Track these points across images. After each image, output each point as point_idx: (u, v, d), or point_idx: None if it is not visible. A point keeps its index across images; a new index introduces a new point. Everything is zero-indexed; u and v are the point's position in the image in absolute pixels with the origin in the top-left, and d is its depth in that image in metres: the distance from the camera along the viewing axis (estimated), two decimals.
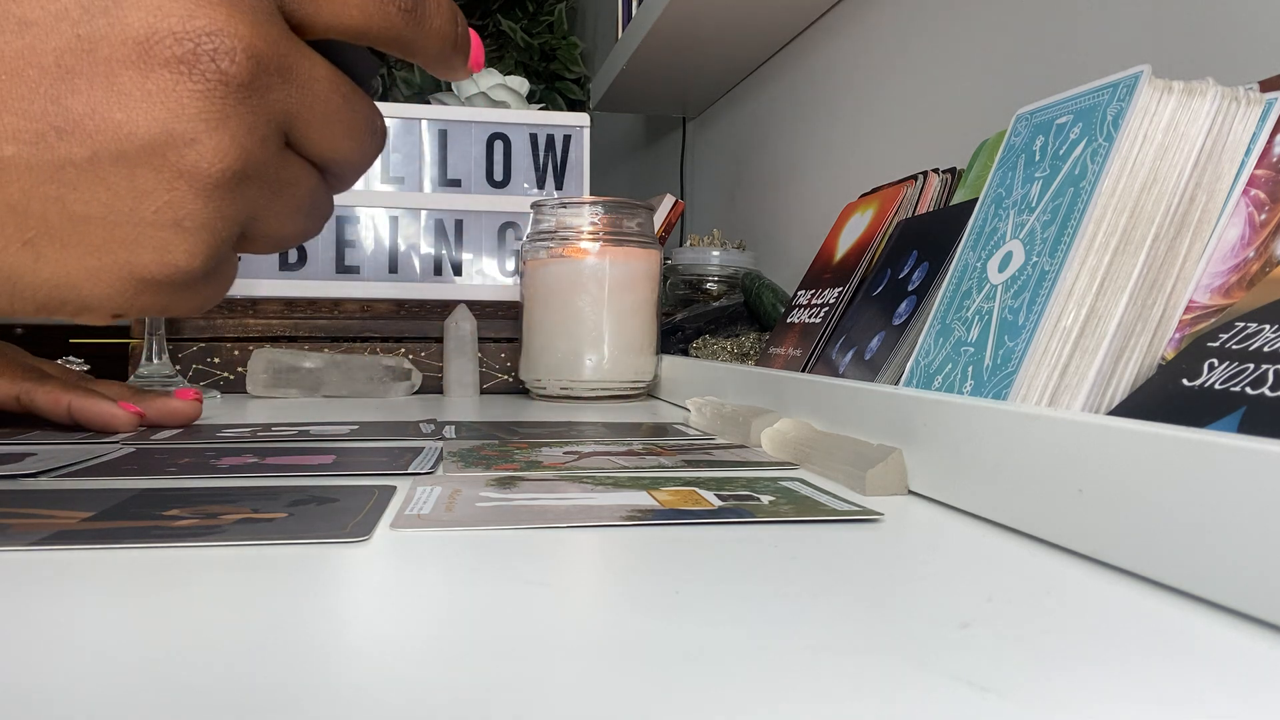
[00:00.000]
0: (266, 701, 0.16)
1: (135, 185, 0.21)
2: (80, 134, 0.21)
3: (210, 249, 0.23)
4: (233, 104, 0.22)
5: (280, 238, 0.26)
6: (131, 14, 0.21)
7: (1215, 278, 0.34)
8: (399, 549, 0.26)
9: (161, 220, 0.22)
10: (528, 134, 0.95)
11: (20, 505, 0.31)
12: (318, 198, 0.26)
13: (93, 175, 0.21)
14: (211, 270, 0.24)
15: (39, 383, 0.53)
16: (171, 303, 0.24)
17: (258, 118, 0.22)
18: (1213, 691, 0.17)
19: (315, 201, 0.26)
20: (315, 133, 0.24)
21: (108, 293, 0.23)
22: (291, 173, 0.25)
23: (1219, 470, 0.21)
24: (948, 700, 0.16)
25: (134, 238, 0.22)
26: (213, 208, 0.22)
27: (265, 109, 0.22)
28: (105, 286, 0.23)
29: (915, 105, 0.83)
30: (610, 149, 2.02)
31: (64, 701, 0.16)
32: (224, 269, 0.25)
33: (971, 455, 0.31)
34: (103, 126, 0.21)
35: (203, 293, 0.25)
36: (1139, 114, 0.34)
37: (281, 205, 0.25)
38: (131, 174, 0.21)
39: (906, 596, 0.23)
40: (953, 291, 0.42)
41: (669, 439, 0.50)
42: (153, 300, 0.23)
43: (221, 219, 0.23)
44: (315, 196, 0.26)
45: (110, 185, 0.21)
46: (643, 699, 0.16)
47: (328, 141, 0.25)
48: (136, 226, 0.22)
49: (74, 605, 0.21)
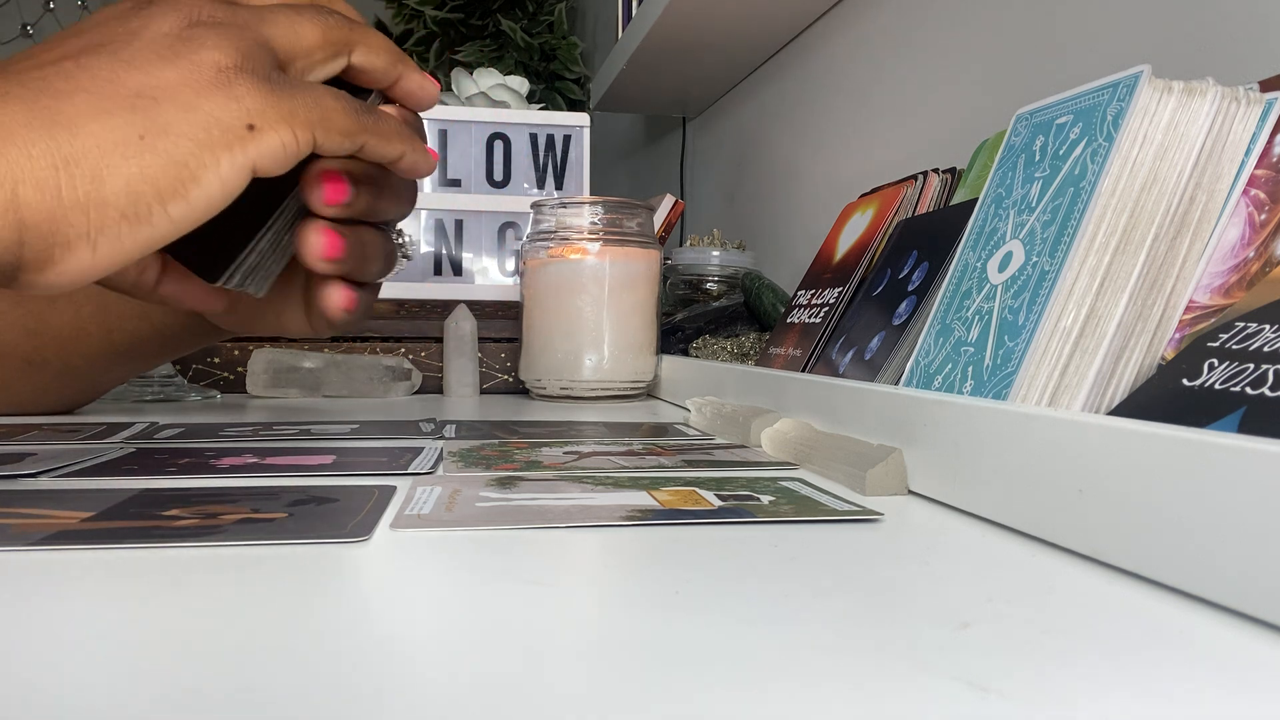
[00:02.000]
0: (266, 702, 0.16)
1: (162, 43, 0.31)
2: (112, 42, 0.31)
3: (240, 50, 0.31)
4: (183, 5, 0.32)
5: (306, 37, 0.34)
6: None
7: (1215, 278, 0.34)
8: (399, 549, 0.26)
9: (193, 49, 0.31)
10: (528, 134, 0.95)
11: (20, 505, 0.31)
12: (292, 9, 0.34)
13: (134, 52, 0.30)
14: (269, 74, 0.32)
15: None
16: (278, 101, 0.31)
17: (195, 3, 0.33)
18: (1212, 691, 0.17)
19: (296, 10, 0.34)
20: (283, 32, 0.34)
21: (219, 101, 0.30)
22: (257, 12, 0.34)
23: (1219, 470, 0.21)
24: (948, 700, 0.16)
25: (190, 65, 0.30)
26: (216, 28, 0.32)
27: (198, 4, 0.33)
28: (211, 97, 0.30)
29: (915, 105, 0.83)
30: (610, 149, 2.02)
31: (64, 701, 0.16)
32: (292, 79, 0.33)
33: (971, 455, 0.31)
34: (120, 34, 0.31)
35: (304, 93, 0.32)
36: (1139, 114, 0.34)
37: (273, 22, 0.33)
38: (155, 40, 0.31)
39: (906, 596, 0.23)
40: (953, 291, 0.42)
41: (669, 439, 0.50)
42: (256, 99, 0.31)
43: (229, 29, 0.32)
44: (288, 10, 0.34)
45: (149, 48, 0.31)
46: (643, 699, 0.16)
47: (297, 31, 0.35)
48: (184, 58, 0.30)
49: (74, 605, 0.21)
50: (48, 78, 0.29)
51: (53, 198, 0.28)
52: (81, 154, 0.28)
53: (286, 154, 0.31)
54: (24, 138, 0.28)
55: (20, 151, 0.28)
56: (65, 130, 0.28)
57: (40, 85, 0.29)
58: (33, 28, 2.97)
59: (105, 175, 0.28)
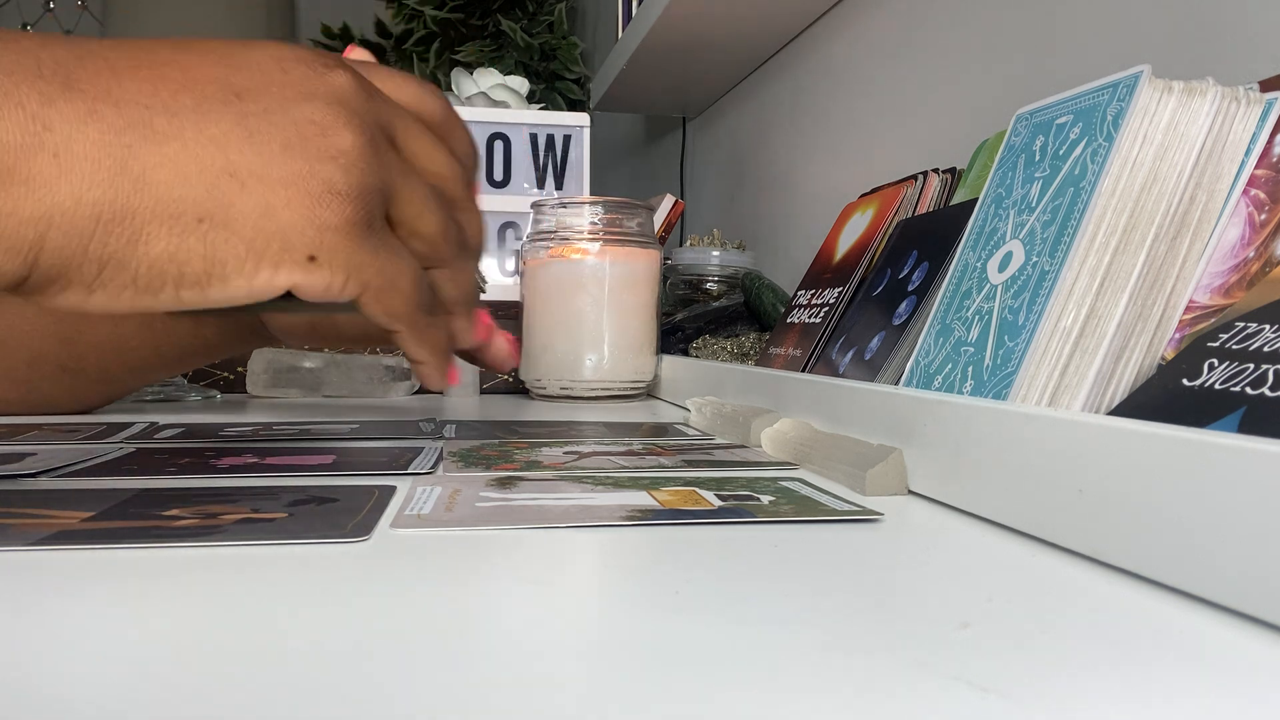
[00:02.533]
0: (266, 701, 0.16)
1: (300, 133, 0.28)
2: (252, 97, 0.28)
3: (363, 189, 0.29)
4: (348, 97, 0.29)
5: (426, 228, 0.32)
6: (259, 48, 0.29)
7: (1215, 278, 0.34)
8: (399, 549, 0.26)
9: (324, 158, 0.28)
10: (528, 134, 0.95)
11: (20, 505, 0.31)
12: (436, 196, 0.32)
13: (269, 123, 0.28)
14: (374, 221, 0.29)
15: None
16: (353, 252, 0.29)
17: (368, 111, 0.30)
18: (1213, 691, 0.17)
19: (440, 200, 0.32)
20: (412, 141, 0.32)
21: (301, 222, 0.28)
22: (407, 164, 0.31)
23: (1219, 470, 0.21)
24: (948, 700, 0.16)
25: (308, 171, 0.28)
26: (358, 155, 0.28)
27: (371, 109, 0.30)
28: (299, 214, 0.27)
29: (915, 105, 0.83)
30: (610, 149, 2.02)
31: (64, 701, 0.16)
32: (391, 243, 0.30)
33: (971, 455, 0.31)
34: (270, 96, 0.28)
35: (381, 257, 0.30)
36: (1139, 114, 0.34)
37: (409, 188, 0.31)
38: (295, 125, 0.28)
39: (906, 596, 0.23)
40: (953, 291, 0.42)
41: (669, 439, 0.50)
42: (337, 240, 0.28)
43: (366, 166, 0.29)
44: (437, 195, 0.32)
45: (283, 131, 0.28)
46: (643, 699, 0.16)
47: (421, 151, 0.32)
48: (308, 162, 0.28)
49: (74, 605, 0.21)
50: (153, 109, 0.26)
51: (78, 247, 0.26)
52: (132, 213, 0.26)
53: (328, 294, 0.29)
54: (84, 176, 0.25)
55: (70, 193, 0.25)
56: (132, 183, 0.26)
57: (137, 117, 0.26)
58: (33, 27, 2.97)
59: (140, 242, 0.26)
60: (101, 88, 0.26)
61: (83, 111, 0.25)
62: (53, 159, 0.25)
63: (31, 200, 0.25)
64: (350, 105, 0.29)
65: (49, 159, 0.25)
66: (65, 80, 0.25)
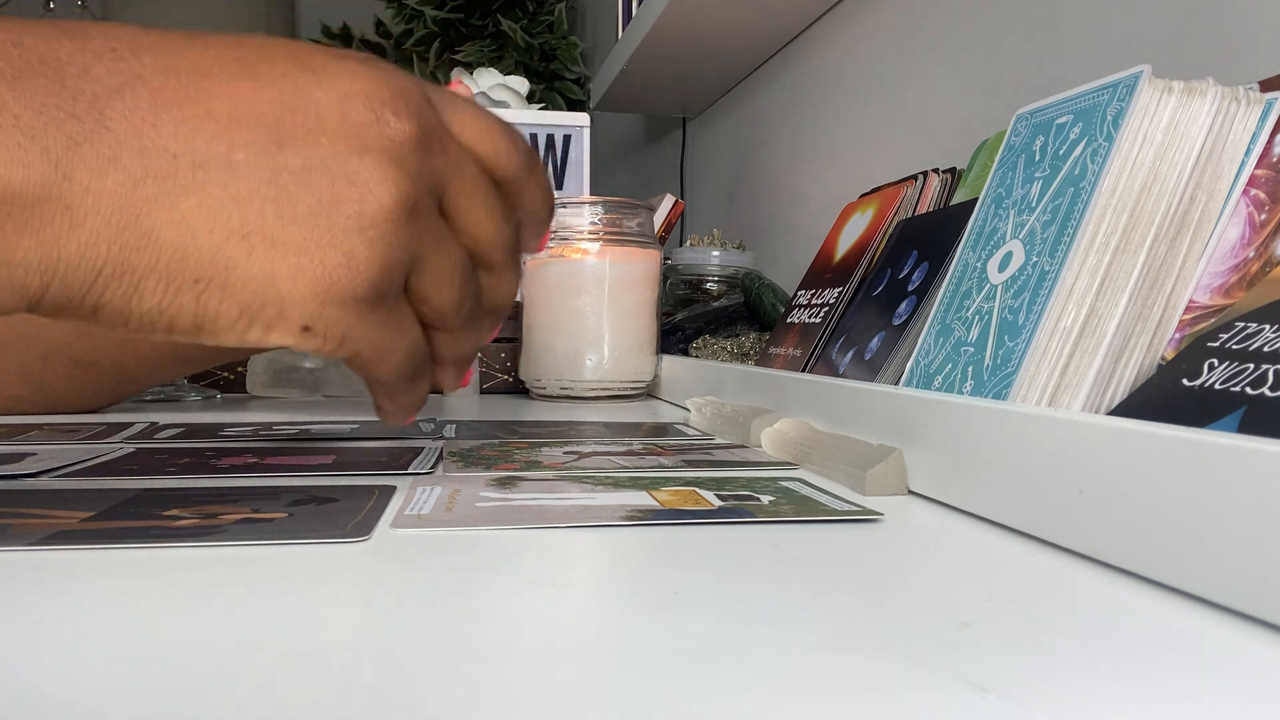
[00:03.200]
0: (267, 701, 0.16)
1: (335, 194, 0.26)
2: (295, 148, 0.26)
3: (385, 264, 0.27)
4: (405, 154, 0.27)
5: (440, 301, 0.30)
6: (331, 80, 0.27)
7: (1215, 278, 0.34)
8: (399, 549, 0.26)
9: (350, 226, 0.26)
10: (528, 134, 0.95)
11: (20, 505, 0.31)
12: (469, 272, 0.31)
13: (303, 182, 0.26)
14: (386, 296, 0.28)
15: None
16: (352, 326, 0.27)
17: (420, 172, 0.28)
18: (1213, 691, 0.17)
19: (467, 274, 0.31)
20: (464, 202, 0.30)
21: (303, 294, 0.26)
22: (445, 232, 0.29)
23: (1219, 470, 0.21)
24: (948, 700, 0.16)
25: (328, 240, 0.26)
26: (390, 226, 0.27)
27: (427, 167, 0.28)
28: (302, 286, 0.26)
29: (915, 105, 0.83)
30: (610, 149, 2.02)
31: (64, 701, 0.16)
32: (399, 313, 0.29)
33: (971, 455, 0.31)
34: (316, 148, 0.26)
35: (380, 332, 0.28)
36: (1139, 114, 0.34)
37: (438, 260, 0.29)
38: (332, 185, 0.26)
39: (906, 596, 0.23)
40: (953, 291, 0.42)
41: (669, 439, 0.50)
42: (337, 314, 0.27)
43: (395, 239, 0.27)
44: (466, 268, 0.30)
45: (315, 192, 0.26)
46: (643, 699, 0.16)
47: (472, 215, 0.30)
48: (331, 231, 0.26)
49: (74, 605, 0.21)
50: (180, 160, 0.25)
51: (78, 295, 0.25)
52: (132, 269, 0.25)
53: (317, 354, 0.28)
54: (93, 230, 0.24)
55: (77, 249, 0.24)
56: (139, 238, 0.25)
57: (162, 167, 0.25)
58: None
59: (134, 296, 0.25)
60: (133, 130, 0.25)
61: (106, 158, 0.24)
62: (65, 213, 0.24)
63: (39, 253, 0.24)
64: (405, 165, 0.27)
65: (62, 213, 0.24)
66: (98, 118, 0.24)
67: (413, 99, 0.28)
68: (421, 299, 0.30)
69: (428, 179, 0.28)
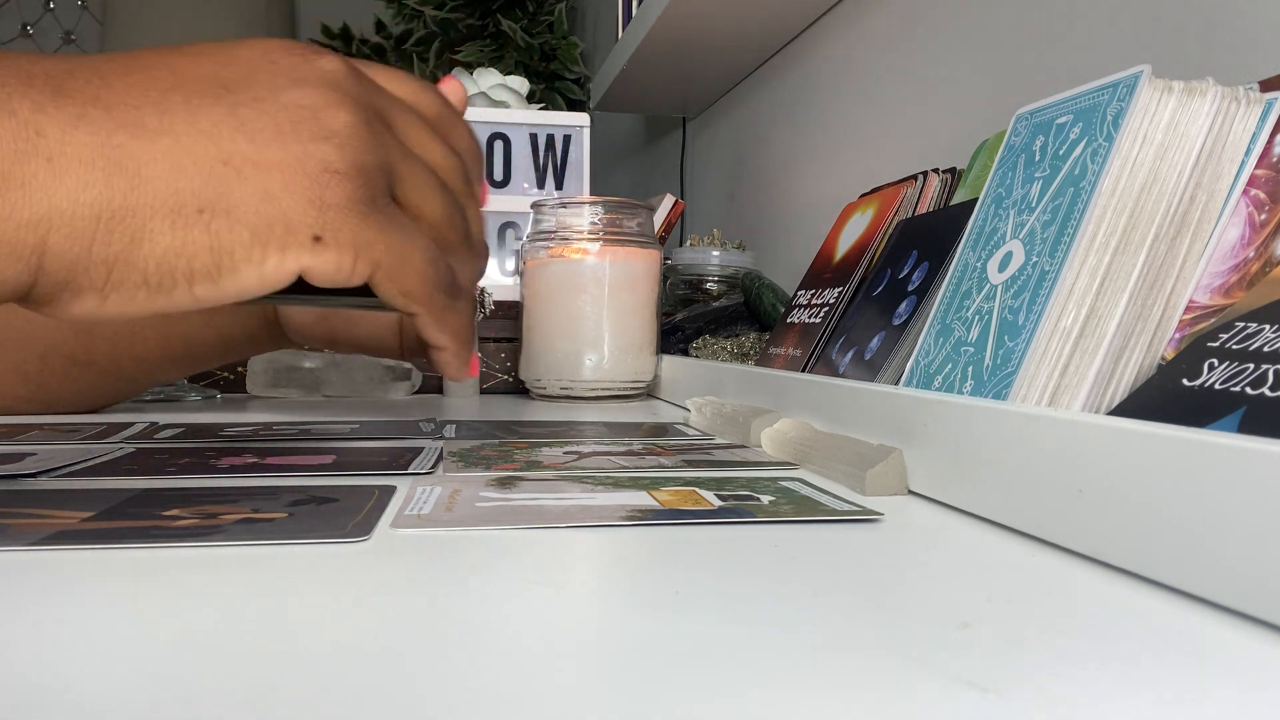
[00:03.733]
0: (266, 701, 0.16)
1: (291, 117, 0.28)
2: (240, 89, 0.28)
3: (361, 165, 0.28)
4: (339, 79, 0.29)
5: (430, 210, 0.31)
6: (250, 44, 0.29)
7: (1215, 278, 0.34)
8: (399, 549, 0.26)
9: (317, 137, 0.28)
10: (528, 134, 0.95)
11: (20, 505, 0.31)
12: (439, 180, 0.32)
13: (259, 111, 0.28)
14: (376, 198, 0.29)
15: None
16: (357, 229, 0.28)
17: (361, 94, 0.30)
18: (1213, 691, 0.17)
19: (444, 188, 0.32)
20: (407, 130, 0.31)
21: (301, 204, 0.27)
22: (407, 148, 0.31)
23: (1219, 470, 0.21)
24: (948, 700, 0.16)
25: (302, 152, 0.28)
26: (351, 132, 0.28)
27: (364, 92, 0.30)
28: (298, 195, 0.27)
29: (915, 105, 0.83)
30: (610, 149, 2.02)
31: (64, 701, 0.16)
32: (399, 217, 0.30)
33: (971, 455, 0.31)
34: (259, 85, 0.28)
35: (389, 234, 0.29)
36: (1139, 114, 0.34)
37: (411, 170, 0.30)
38: (285, 110, 0.28)
39: (906, 596, 0.23)
40: (953, 291, 0.42)
41: (669, 439, 0.50)
42: (339, 219, 0.28)
43: (361, 143, 0.28)
44: (440, 182, 0.32)
45: (274, 118, 0.28)
46: (643, 699, 0.16)
47: (417, 141, 0.31)
48: (301, 144, 0.28)
49: (74, 605, 0.21)
50: (143, 109, 0.26)
51: (82, 249, 0.26)
52: (131, 210, 0.26)
53: (337, 277, 0.28)
54: (79, 177, 0.25)
55: (68, 194, 0.25)
56: (127, 179, 0.26)
57: (127, 118, 0.26)
58: (32, 27, 2.97)
59: (144, 239, 0.26)
60: (91, 94, 0.26)
61: (73, 116, 0.25)
62: (46, 163, 0.25)
63: (29, 205, 0.25)
64: (342, 87, 0.29)
65: (43, 163, 0.25)
66: (55, 89, 0.26)
67: (324, 50, 0.30)
68: (415, 214, 0.31)
69: (369, 101, 0.30)
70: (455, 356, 0.34)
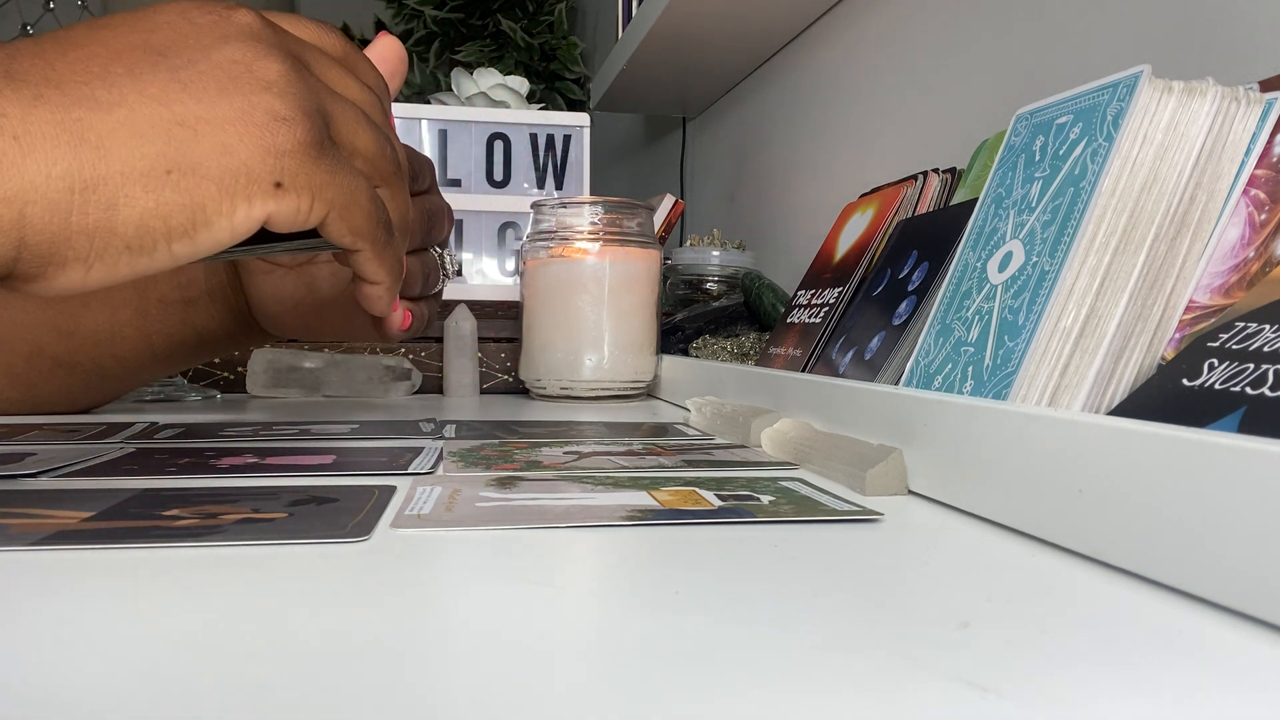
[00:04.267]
0: (266, 702, 0.16)
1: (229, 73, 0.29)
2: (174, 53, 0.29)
3: (304, 109, 0.29)
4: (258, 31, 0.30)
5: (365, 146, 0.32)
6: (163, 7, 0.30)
7: (1215, 278, 0.34)
8: (399, 549, 0.26)
9: (258, 88, 0.29)
10: (528, 134, 0.95)
11: (20, 505, 0.31)
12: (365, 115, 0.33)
13: (197, 72, 0.28)
14: (323, 142, 0.30)
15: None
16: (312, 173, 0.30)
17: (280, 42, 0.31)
18: (1213, 691, 0.17)
19: (368, 118, 0.33)
20: (323, 70, 0.32)
21: (258, 152, 0.29)
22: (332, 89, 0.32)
23: (1219, 470, 0.21)
24: (948, 700, 0.16)
25: (248, 104, 0.29)
26: (287, 80, 0.29)
27: (280, 40, 0.31)
28: (253, 144, 0.29)
29: (915, 105, 0.83)
30: (610, 149, 2.02)
31: (64, 701, 0.16)
32: (340, 156, 0.31)
33: (971, 455, 0.31)
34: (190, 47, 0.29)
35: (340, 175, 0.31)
36: (1139, 114, 0.34)
37: (342, 109, 0.32)
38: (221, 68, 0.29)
39: (906, 596, 0.23)
40: (953, 291, 0.42)
41: (669, 439, 0.50)
42: (296, 165, 0.29)
43: (298, 89, 0.30)
44: (362, 113, 0.33)
45: (214, 76, 0.29)
46: (643, 699, 0.16)
47: (335, 80, 0.33)
48: (245, 96, 0.29)
49: (74, 605, 0.21)
50: (92, 84, 0.27)
51: (61, 221, 0.26)
52: (103, 179, 0.27)
53: (297, 221, 0.30)
54: (47, 153, 0.26)
55: (39, 169, 0.26)
56: (93, 150, 0.27)
57: (80, 94, 0.27)
58: (32, 27, 2.97)
59: (120, 204, 0.27)
60: (40, 75, 0.27)
61: (29, 97, 0.26)
62: (14, 141, 0.26)
63: (2, 182, 0.26)
64: (264, 39, 0.30)
65: (10, 141, 0.26)
66: (5, 73, 0.27)
67: (234, 5, 0.31)
68: (350, 151, 0.32)
69: (289, 49, 0.31)
70: (388, 291, 0.36)
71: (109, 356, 0.58)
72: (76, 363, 0.57)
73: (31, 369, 0.57)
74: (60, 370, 0.58)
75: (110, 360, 0.58)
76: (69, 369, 0.58)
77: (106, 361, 0.58)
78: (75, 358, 0.57)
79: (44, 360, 0.57)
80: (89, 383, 0.59)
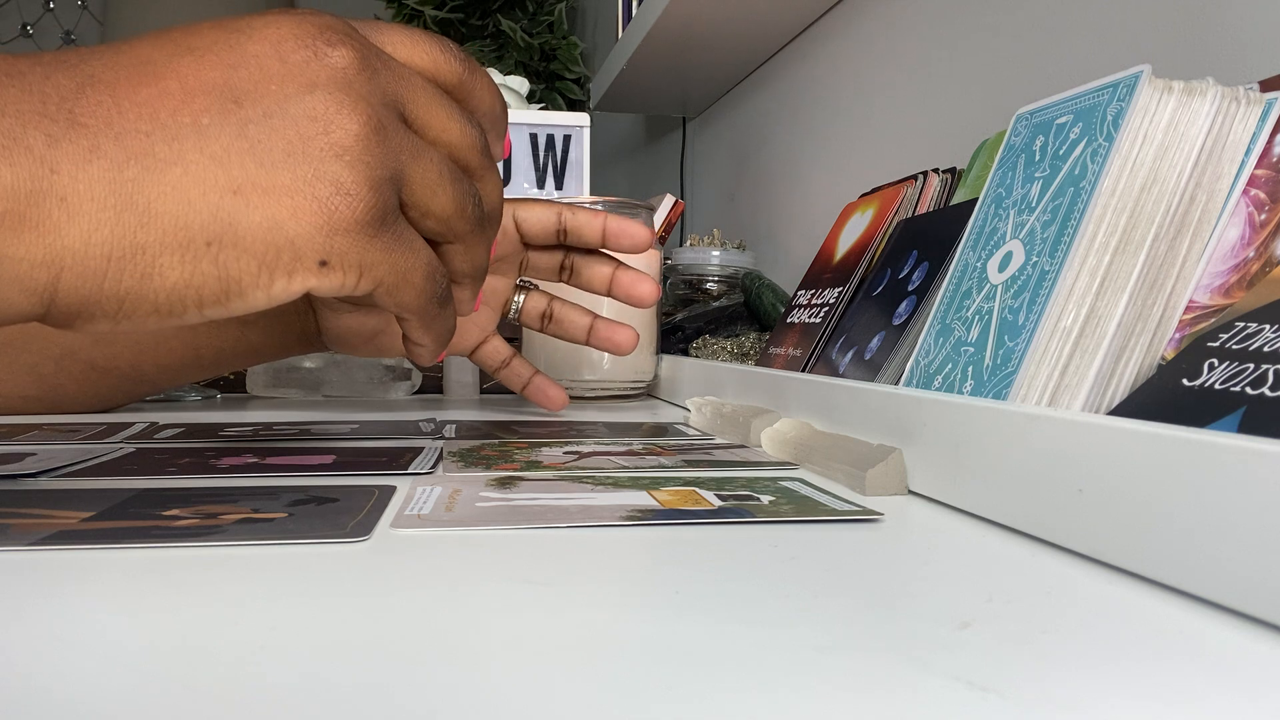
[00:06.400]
0: (267, 701, 0.16)
1: (301, 132, 0.27)
2: (251, 101, 0.27)
3: (372, 182, 0.28)
4: (351, 79, 0.28)
5: (439, 207, 0.31)
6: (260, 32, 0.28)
7: (1215, 278, 0.34)
8: (399, 549, 0.26)
9: (327, 156, 0.27)
10: (528, 134, 0.95)
11: (20, 505, 0.31)
12: (458, 174, 0.32)
13: (269, 129, 0.27)
14: (386, 217, 0.29)
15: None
16: (364, 252, 0.29)
17: (372, 92, 0.29)
18: (1213, 691, 0.17)
19: (457, 176, 0.31)
20: (423, 112, 0.31)
21: (309, 230, 0.27)
22: (419, 143, 0.30)
23: (1219, 470, 0.21)
24: (948, 700, 0.16)
25: (313, 175, 0.27)
26: (362, 146, 0.28)
27: (376, 86, 0.29)
28: (306, 223, 0.27)
29: (915, 105, 0.83)
30: (610, 149, 2.02)
31: (64, 701, 0.16)
32: (405, 234, 0.30)
33: (971, 455, 0.31)
34: (270, 96, 0.27)
35: (394, 253, 0.29)
36: (1139, 114, 0.34)
37: (422, 169, 0.30)
38: (296, 125, 0.27)
39: (906, 596, 0.23)
40: (953, 291, 0.42)
41: (669, 439, 0.50)
42: (347, 243, 0.28)
43: (372, 157, 0.28)
44: (454, 171, 0.31)
45: (284, 135, 0.27)
46: (643, 699, 0.16)
47: (434, 122, 0.31)
48: (311, 165, 0.27)
49: (74, 605, 0.21)
50: (154, 135, 0.26)
51: (94, 286, 0.26)
52: (141, 248, 0.26)
53: (342, 293, 0.29)
54: (91, 216, 0.25)
55: (80, 235, 0.25)
56: (138, 217, 0.26)
57: (138, 148, 0.26)
58: (33, 27, 2.97)
59: (154, 275, 0.26)
60: (103, 119, 0.26)
61: (86, 150, 0.25)
62: (60, 203, 0.25)
63: (42, 245, 0.25)
64: (354, 89, 0.28)
65: (56, 203, 0.25)
66: (70, 116, 0.25)
67: (339, 29, 0.29)
68: (422, 213, 0.31)
69: (381, 97, 0.29)
70: (429, 353, 0.36)
71: (150, 364, 0.57)
72: (114, 367, 0.57)
73: (61, 371, 0.57)
74: (94, 374, 0.57)
75: (151, 367, 0.57)
76: (104, 373, 0.57)
77: (147, 368, 0.57)
78: (114, 363, 0.57)
79: (76, 364, 0.56)
80: (122, 385, 0.59)
